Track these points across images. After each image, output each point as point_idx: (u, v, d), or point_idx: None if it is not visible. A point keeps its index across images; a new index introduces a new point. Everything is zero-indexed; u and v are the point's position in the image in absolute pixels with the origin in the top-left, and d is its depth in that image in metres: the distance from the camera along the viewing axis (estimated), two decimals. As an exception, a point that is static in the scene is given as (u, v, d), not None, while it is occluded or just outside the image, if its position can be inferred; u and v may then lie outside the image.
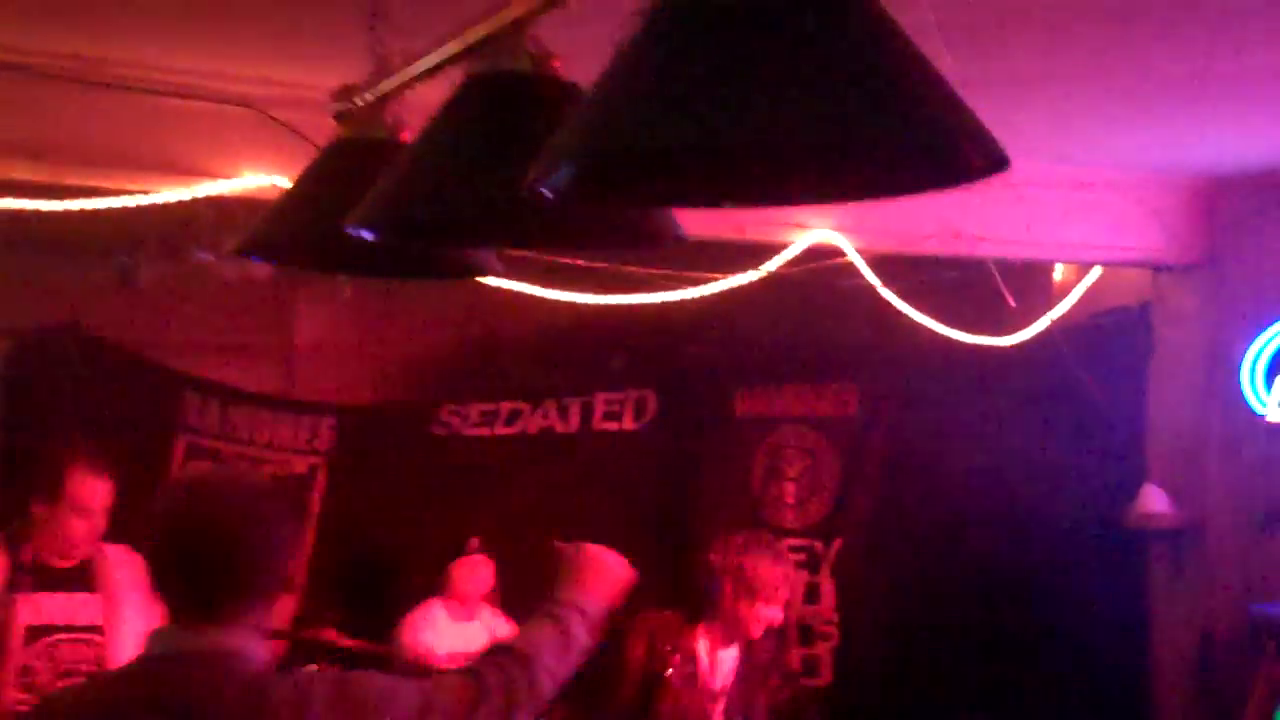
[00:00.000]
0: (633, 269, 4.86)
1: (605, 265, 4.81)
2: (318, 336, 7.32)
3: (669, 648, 4.12)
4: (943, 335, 5.09)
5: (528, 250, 2.99)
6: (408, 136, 2.40)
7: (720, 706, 4.15)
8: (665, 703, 4.12)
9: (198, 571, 2.14)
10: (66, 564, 4.30)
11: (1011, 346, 5.09)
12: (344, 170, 2.48)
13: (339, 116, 2.56)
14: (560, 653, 2.33)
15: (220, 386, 6.67)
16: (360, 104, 2.53)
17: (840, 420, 6.03)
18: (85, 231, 5.66)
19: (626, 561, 2.49)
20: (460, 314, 7.04)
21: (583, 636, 2.37)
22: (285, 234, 2.63)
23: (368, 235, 2.12)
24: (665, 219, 2.07)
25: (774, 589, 4.04)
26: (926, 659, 4.53)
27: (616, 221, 2.10)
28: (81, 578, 4.30)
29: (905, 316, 5.08)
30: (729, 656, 4.17)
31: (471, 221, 2.15)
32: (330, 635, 5.32)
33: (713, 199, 1.85)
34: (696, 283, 4.91)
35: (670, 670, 4.11)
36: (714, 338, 6.35)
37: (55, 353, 6.06)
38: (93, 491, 4.22)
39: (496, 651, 2.31)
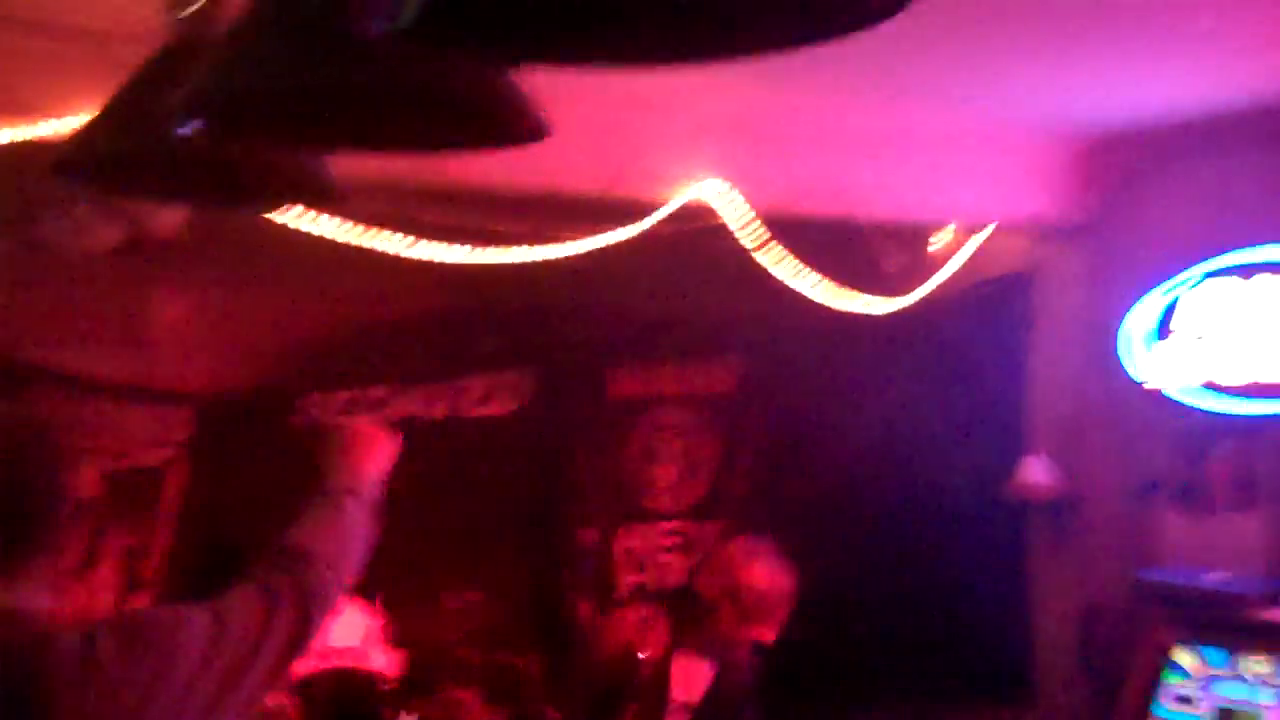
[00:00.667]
0: (503, 229, 4.66)
1: (473, 226, 4.60)
2: (176, 323, 7.00)
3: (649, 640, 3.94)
4: (823, 305, 4.96)
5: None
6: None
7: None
8: (634, 699, 3.91)
9: None
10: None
11: (894, 315, 4.97)
12: (170, 76, 2.26)
13: (169, 18, 2.36)
14: (341, 540, 2.19)
15: (69, 377, 6.39)
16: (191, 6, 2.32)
17: (718, 399, 5.89)
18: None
19: (390, 433, 2.40)
20: (327, 296, 6.78)
21: (360, 518, 2.24)
22: (105, 148, 2.39)
23: (194, 125, 1.91)
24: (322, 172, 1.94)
25: (775, 608, 3.76)
26: (808, 635, 4.37)
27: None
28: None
29: (785, 287, 4.95)
30: (702, 671, 3.94)
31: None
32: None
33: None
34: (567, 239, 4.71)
35: (645, 656, 3.89)
36: (588, 317, 6.17)
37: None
38: None
39: (276, 553, 2.13)
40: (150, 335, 6.94)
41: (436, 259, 4.52)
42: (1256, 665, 3.81)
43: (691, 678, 3.85)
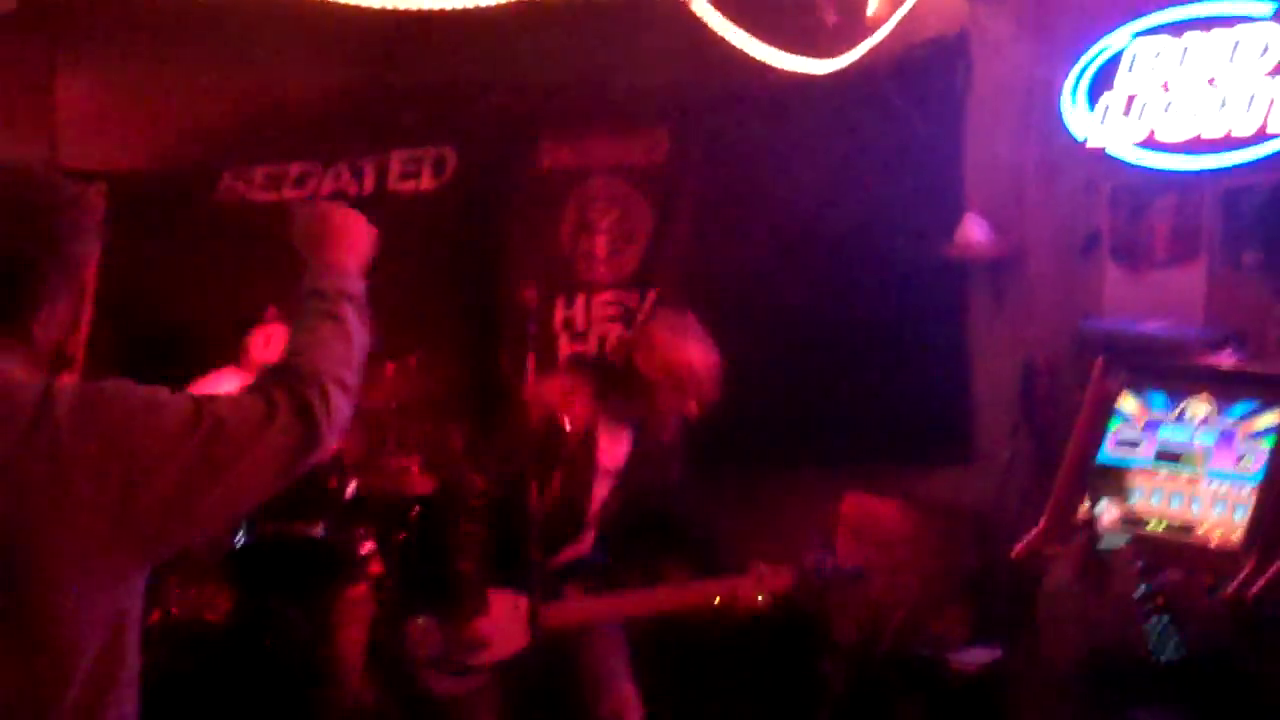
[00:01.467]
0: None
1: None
2: (83, 103, 6.76)
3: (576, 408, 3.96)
4: (757, 67, 4.88)
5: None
6: None
7: (606, 486, 4.01)
8: (560, 466, 3.94)
9: None
10: None
11: (830, 81, 4.92)
12: None
13: None
14: (345, 354, 2.09)
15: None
16: None
17: (651, 168, 5.81)
18: None
19: (364, 219, 2.26)
20: (242, 70, 6.56)
21: (359, 323, 2.13)
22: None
23: None
24: None
25: (705, 383, 3.89)
26: (750, 400, 4.42)
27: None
28: None
29: (718, 48, 4.86)
30: (625, 437, 4.02)
31: None
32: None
33: None
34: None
35: (569, 426, 3.92)
36: (515, 89, 6.03)
37: None
38: None
39: (279, 369, 2.04)
40: (58, 114, 6.71)
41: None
42: (1197, 408, 3.92)
43: (617, 445, 4.01)
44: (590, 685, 3.91)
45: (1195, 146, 4.44)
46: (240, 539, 5.12)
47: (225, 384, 5.72)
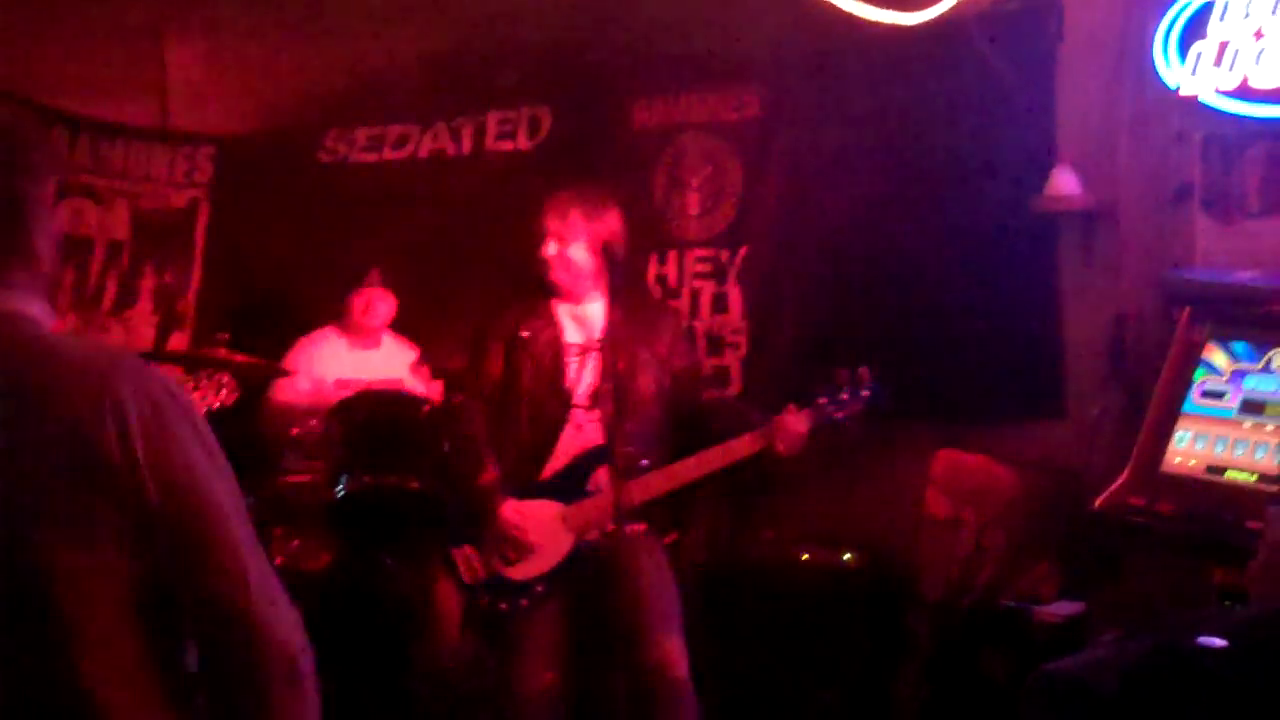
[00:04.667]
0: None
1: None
2: (192, 69, 6.95)
3: (522, 311, 4.18)
4: (847, 20, 4.88)
5: None
6: None
7: (587, 362, 4.14)
8: (525, 363, 4.15)
9: None
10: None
11: (919, 30, 4.89)
12: None
13: None
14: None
15: (90, 120, 6.37)
16: None
17: (742, 125, 5.82)
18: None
19: None
20: (343, 38, 6.71)
21: None
22: None
23: None
24: None
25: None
26: (839, 357, 4.44)
27: None
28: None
29: (808, 2, 4.87)
30: (592, 311, 4.17)
31: None
32: (220, 353, 5.15)
33: None
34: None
35: (526, 332, 4.15)
36: (608, 48, 6.08)
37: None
38: None
39: None
40: (169, 79, 6.90)
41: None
42: (1284, 358, 3.87)
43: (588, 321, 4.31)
44: (637, 635, 3.98)
45: (1288, 95, 4.35)
46: (340, 490, 5.26)
47: (326, 344, 5.87)
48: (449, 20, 6.29)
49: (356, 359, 5.90)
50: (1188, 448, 3.95)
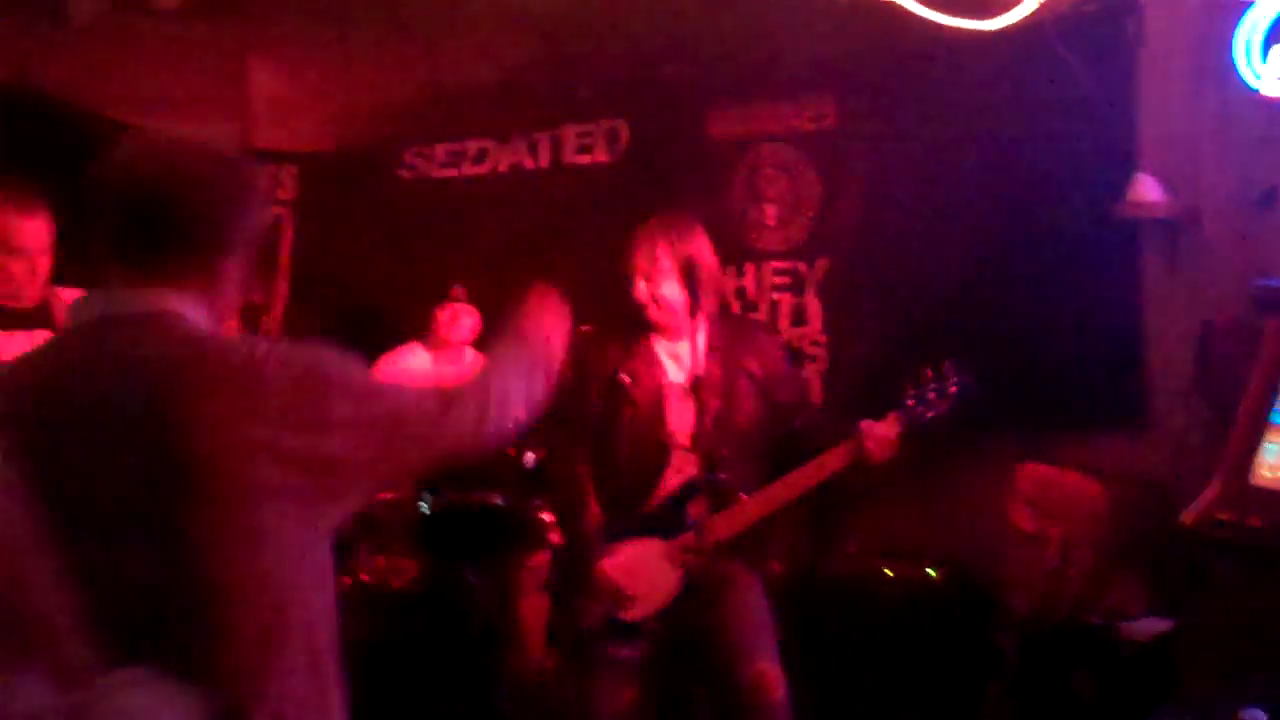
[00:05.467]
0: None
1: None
2: (272, 87, 7.04)
3: (619, 350, 4.13)
4: (923, 27, 4.83)
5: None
6: None
7: (690, 403, 4.08)
8: (625, 407, 4.11)
9: (135, 231, 2.01)
10: (23, 305, 4.27)
11: (997, 35, 4.84)
12: None
13: None
14: (526, 380, 2.38)
15: (175, 140, 6.45)
16: None
17: (819, 135, 5.80)
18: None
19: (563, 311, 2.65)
20: (420, 55, 6.77)
21: (541, 378, 2.43)
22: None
23: None
24: None
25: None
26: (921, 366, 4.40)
27: None
28: (41, 317, 4.28)
29: (883, 10, 4.83)
30: (689, 347, 4.12)
31: None
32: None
33: None
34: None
35: (626, 376, 4.10)
36: (685, 60, 6.07)
37: (2, 111, 5.86)
38: (25, 230, 4.21)
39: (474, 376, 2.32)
40: (251, 99, 6.99)
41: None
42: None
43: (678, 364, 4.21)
44: (734, 657, 3.96)
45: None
46: (425, 507, 5.31)
47: (412, 358, 5.93)
48: (526, 35, 6.33)
49: (441, 374, 5.94)
50: (1277, 460, 3.87)
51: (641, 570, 4.03)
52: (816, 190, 5.80)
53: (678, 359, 4.16)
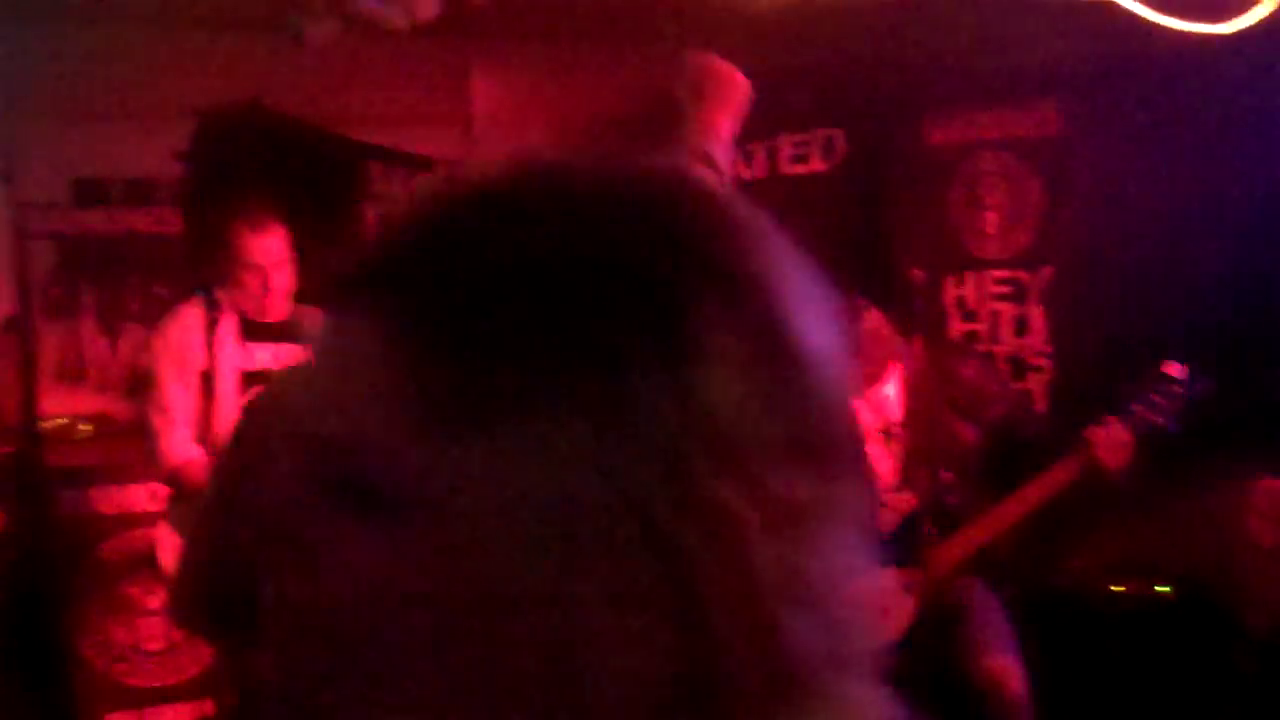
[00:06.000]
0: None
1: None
2: (496, 101, 7.21)
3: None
4: (1150, 31, 4.72)
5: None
6: None
7: (894, 448, 4.05)
8: None
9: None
10: (274, 318, 4.45)
11: (1229, 39, 4.69)
12: None
13: None
14: None
15: (403, 154, 6.67)
16: None
17: (1041, 141, 5.71)
18: (261, 1, 5.63)
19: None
20: (643, 66, 6.85)
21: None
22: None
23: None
24: None
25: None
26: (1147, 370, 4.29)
27: None
28: (287, 332, 4.45)
29: (1109, 14, 4.72)
30: (889, 391, 4.07)
31: None
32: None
33: None
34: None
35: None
36: (904, 66, 6.03)
37: (238, 131, 6.10)
38: (258, 246, 4.38)
39: None
40: (473, 115, 7.17)
41: None
42: None
43: (881, 404, 4.13)
44: (972, 652, 3.92)
45: None
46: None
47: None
48: (739, 45, 6.35)
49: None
50: None
51: (875, 603, 4.02)
52: (1039, 197, 5.71)
53: (877, 405, 4.13)
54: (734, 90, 2.32)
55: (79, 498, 5.60)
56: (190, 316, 4.46)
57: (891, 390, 4.07)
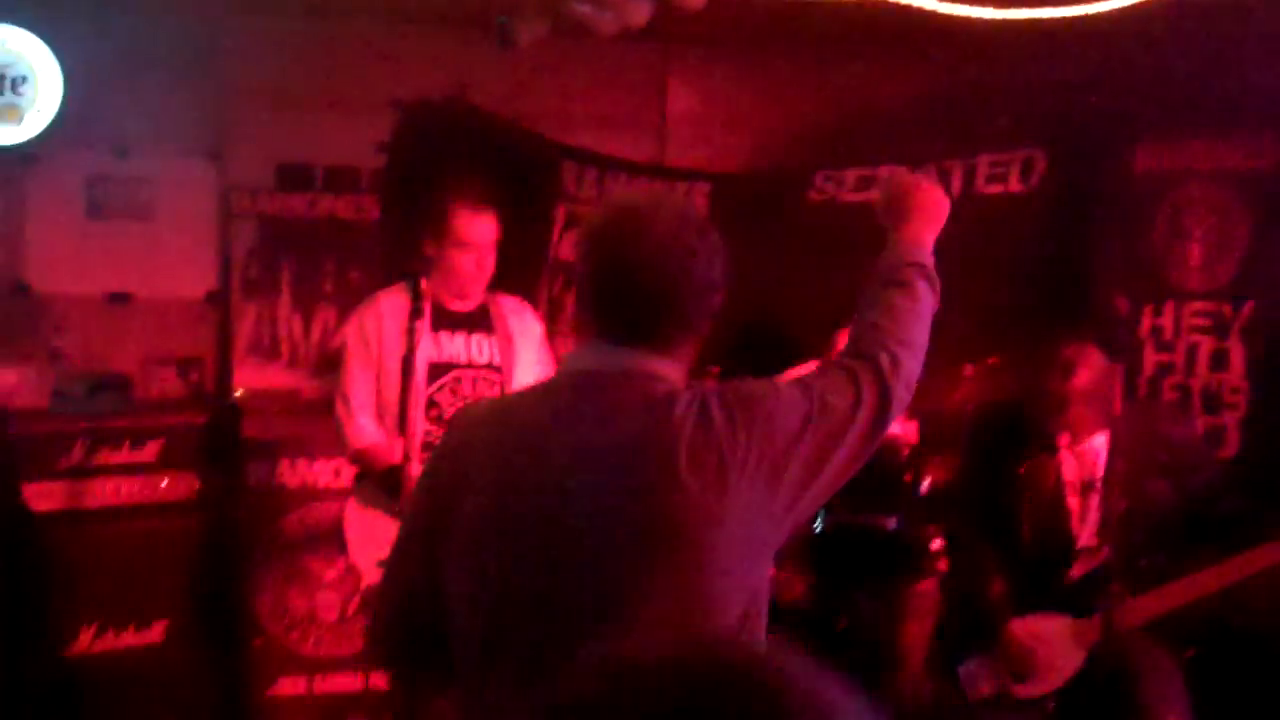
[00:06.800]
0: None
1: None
2: (689, 107, 7.25)
3: (1019, 442, 4.01)
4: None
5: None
6: None
7: (1092, 502, 3.96)
8: (1024, 501, 3.99)
9: (627, 295, 2.14)
10: (465, 308, 4.50)
11: None
12: None
13: None
14: (914, 319, 2.33)
15: (596, 155, 6.72)
16: None
17: (1254, 172, 5.53)
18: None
19: (940, 191, 2.54)
20: (835, 79, 6.83)
21: (928, 292, 2.38)
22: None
23: None
24: None
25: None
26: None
27: None
28: (478, 320, 4.52)
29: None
30: (1095, 445, 3.97)
31: None
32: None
33: None
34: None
35: (1022, 468, 3.98)
36: (1112, 89, 5.89)
37: (439, 124, 6.22)
38: (475, 225, 4.43)
39: (854, 339, 2.31)
40: (668, 117, 7.22)
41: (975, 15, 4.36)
42: None
43: (1085, 459, 4.13)
44: (1142, 713, 3.81)
45: None
46: (818, 526, 5.35)
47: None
48: (941, 60, 6.28)
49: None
50: None
51: (1046, 645, 3.93)
52: (1246, 230, 5.53)
53: (1082, 458, 4.05)
54: (940, 209, 2.44)
55: (267, 469, 5.77)
56: (393, 303, 4.49)
57: (1101, 443, 3.98)
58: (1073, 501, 4.01)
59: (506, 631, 2.08)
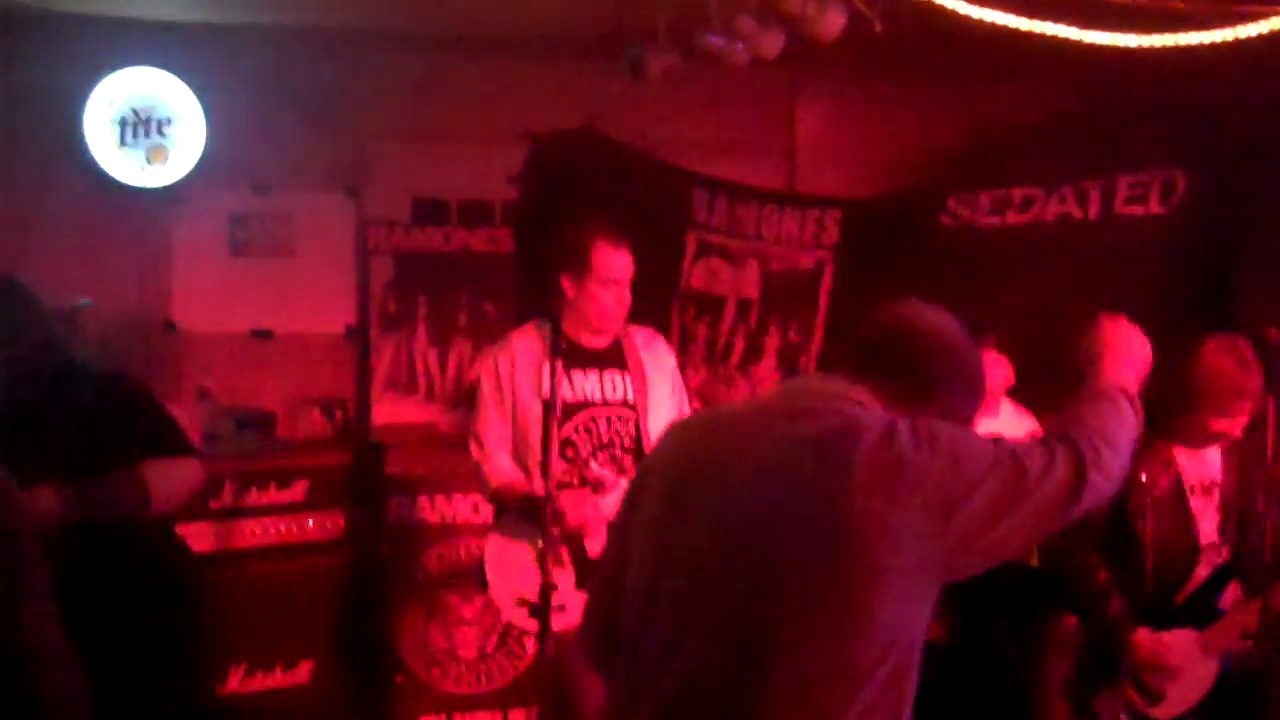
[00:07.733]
0: (1183, 5, 4.38)
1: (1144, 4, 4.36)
2: (818, 133, 7.22)
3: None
4: None
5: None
6: None
7: (1212, 503, 3.87)
8: (1146, 511, 3.89)
9: (875, 358, 2.34)
10: (598, 344, 4.48)
11: None
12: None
13: None
14: (1113, 419, 2.33)
15: (726, 183, 6.73)
16: None
17: None
18: (596, 31, 5.78)
19: (1141, 336, 2.59)
20: (965, 101, 6.76)
21: (1131, 414, 2.37)
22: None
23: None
24: None
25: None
26: None
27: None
28: (612, 357, 4.49)
29: None
30: (1213, 453, 3.89)
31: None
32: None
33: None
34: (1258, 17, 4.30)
35: (1144, 475, 3.89)
36: (1261, 107, 5.73)
37: (571, 154, 6.26)
38: (615, 262, 4.41)
39: (1059, 427, 2.30)
40: (797, 142, 7.19)
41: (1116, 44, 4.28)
42: None
43: (1201, 466, 4.04)
44: None
45: None
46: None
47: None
48: (1076, 80, 6.18)
49: (980, 425, 5.87)
50: None
51: (1173, 655, 3.84)
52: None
53: (1199, 462, 3.97)
54: (1145, 355, 2.50)
55: (407, 506, 5.84)
56: (526, 344, 4.46)
57: (1207, 455, 3.92)
58: (1195, 506, 3.93)
59: (660, 600, 2.19)
